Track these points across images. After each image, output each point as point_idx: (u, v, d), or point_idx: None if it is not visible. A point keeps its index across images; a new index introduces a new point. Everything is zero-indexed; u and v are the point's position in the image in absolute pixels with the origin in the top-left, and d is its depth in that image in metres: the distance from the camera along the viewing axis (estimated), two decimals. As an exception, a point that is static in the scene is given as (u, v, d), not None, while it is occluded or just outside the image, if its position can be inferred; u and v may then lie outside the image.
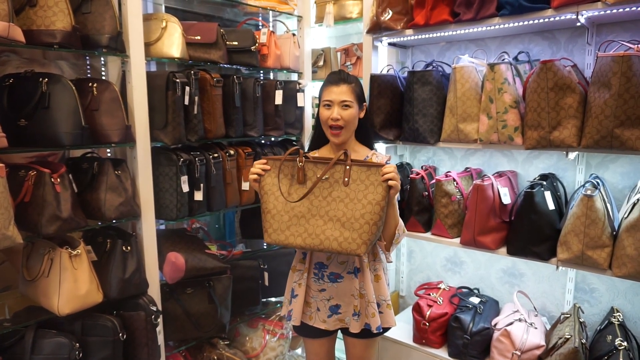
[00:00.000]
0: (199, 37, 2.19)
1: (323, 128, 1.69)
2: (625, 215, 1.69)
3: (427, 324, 2.19)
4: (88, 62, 2.15)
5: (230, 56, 2.34)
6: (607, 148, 1.65)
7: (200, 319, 2.24)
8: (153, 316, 1.96)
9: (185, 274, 2.11)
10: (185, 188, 2.09)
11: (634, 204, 1.66)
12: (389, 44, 2.39)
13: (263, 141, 2.68)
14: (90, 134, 1.78)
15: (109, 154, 2.17)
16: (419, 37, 2.21)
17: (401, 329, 2.41)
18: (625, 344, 1.68)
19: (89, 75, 2.16)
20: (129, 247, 1.92)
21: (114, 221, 1.89)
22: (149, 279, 2.03)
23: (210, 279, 2.27)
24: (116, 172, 1.88)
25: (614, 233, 1.72)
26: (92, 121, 1.83)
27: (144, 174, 1.99)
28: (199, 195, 2.15)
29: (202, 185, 2.15)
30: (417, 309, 2.25)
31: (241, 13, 2.73)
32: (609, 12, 1.70)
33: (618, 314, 1.92)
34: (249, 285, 2.56)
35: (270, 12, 2.68)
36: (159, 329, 2.02)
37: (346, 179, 1.48)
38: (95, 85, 1.85)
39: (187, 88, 2.03)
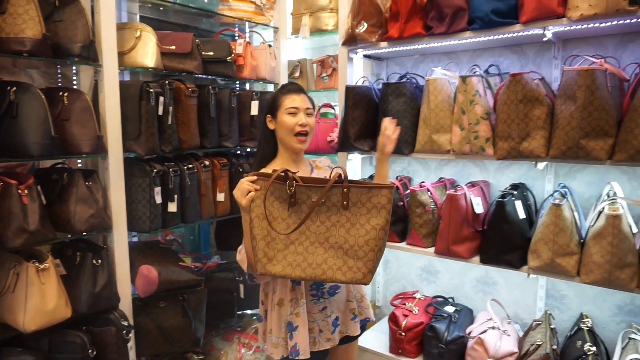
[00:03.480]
0: (174, 47, 2.18)
1: (284, 137, 1.60)
2: (592, 224, 1.74)
3: (403, 333, 2.19)
4: (59, 71, 2.11)
5: (205, 66, 2.33)
6: (573, 158, 1.70)
7: (173, 333, 2.19)
8: (124, 331, 1.91)
9: (158, 287, 2.07)
10: (159, 199, 2.06)
11: (600, 213, 1.71)
12: (364, 55, 2.43)
13: (239, 152, 2.67)
14: (60, 144, 1.74)
15: (80, 165, 2.12)
16: (394, 49, 2.25)
17: (377, 339, 2.41)
18: (594, 349, 1.72)
19: (60, 84, 2.12)
20: (99, 260, 1.88)
21: (84, 234, 1.85)
22: (121, 292, 1.98)
23: (184, 292, 2.23)
24: (87, 183, 1.84)
25: (582, 241, 1.77)
26: (62, 131, 1.79)
27: (116, 185, 1.95)
28: (172, 207, 2.12)
29: (176, 196, 2.12)
30: (393, 319, 2.26)
31: (217, 24, 2.74)
32: (573, 28, 1.77)
33: (587, 319, 1.97)
34: (224, 298, 2.53)
35: (247, 23, 2.69)
36: (131, 344, 1.97)
37: (345, 202, 1.34)
38: (66, 94, 1.81)
39: (161, 98, 2.01)
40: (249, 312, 2.77)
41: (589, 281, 1.72)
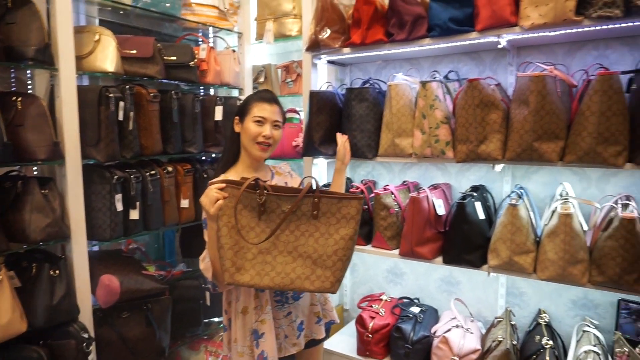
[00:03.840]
0: (134, 51, 2.14)
1: (247, 143, 1.58)
2: (546, 222, 1.82)
3: (370, 335, 2.22)
4: (13, 75, 2.03)
5: (168, 71, 2.30)
6: (528, 160, 1.78)
7: (137, 344, 2.13)
8: (85, 344, 1.85)
9: (120, 297, 2.02)
10: (120, 207, 2.01)
11: (553, 212, 1.79)
12: (328, 61, 2.46)
13: (203, 157, 2.65)
14: (13, 150, 1.67)
15: (35, 172, 2.05)
16: (357, 55, 2.29)
17: (345, 342, 2.42)
18: (550, 342, 1.79)
19: (13, 88, 2.04)
20: (57, 271, 1.82)
21: (40, 244, 1.78)
22: (80, 304, 1.92)
23: (148, 301, 2.18)
24: (43, 191, 1.78)
25: (537, 239, 1.85)
26: (16, 137, 1.72)
27: (74, 193, 1.89)
28: (134, 214, 2.07)
29: (138, 203, 2.08)
30: (360, 322, 2.28)
31: (180, 28, 2.71)
32: (525, 36, 1.85)
33: (545, 315, 2.05)
34: (190, 306, 2.49)
35: (210, 28, 2.68)
36: (92, 357, 1.91)
37: (315, 212, 1.35)
38: (19, 99, 1.75)
39: (122, 103, 1.97)
40: (216, 319, 2.73)
41: (544, 277, 1.79)
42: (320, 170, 2.57)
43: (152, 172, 2.16)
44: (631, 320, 1.86)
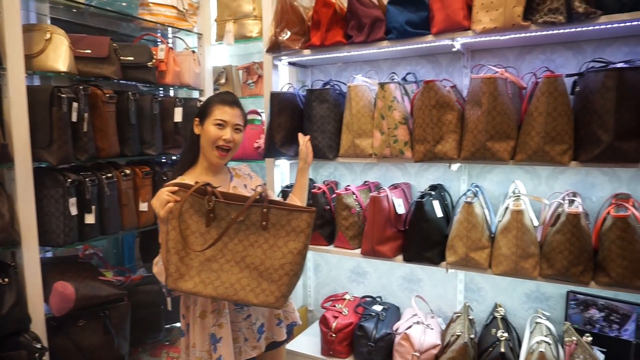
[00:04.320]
0: (89, 51, 2.08)
1: (206, 147, 1.55)
2: (500, 219, 1.90)
3: (334, 335, 2.23)
4: (-44, 75, 1.94)
5: (125, 72, 2.25)
6: (481, 159, 1.84)
7: (94, 352, 2.07)
8: (37, 354, 1.77)
9: (75, 304, 1.95)
10: (74, 211, 1.95)
11: (506, 209, 1.86)
12: (289, 63, 2.47)
13: (163, 159, 2.60)
14: (-45, 153, 1.59)
15: (-19, 176, 1.95)
16: (317, 57, 2.31)
17: (309, 342, 2.43)
18: (505, 334, 1.86)
19: (-44, 88, 1.94)
20: (6, 279, 1.74)
21: (-13, 250, 1.70)
22: (32, 312, 1.84)
23: (106, 308, 2.12)
24: (-11, 195, 1.70)
25: (492, 235, 1.92)
26: (-41, 139, 1.64)
27: (25, 197, 1.82)
28: (90, 218, 2.01)
29: (93, 207, 2.02)
30: (323, 321, 2.29)
31: (138, 28, 2.65)
32: (478, 39, 1.92)
33: (500, 308, 2.13)
34: (150, 311, 2.43)
35: (169, 28, 2.63)
36: (45, 367, 1.83)
37: (264, 223, 1.32)
38: (-37, 99, 1.67)
39: (75, 104, 1.91)
40: (177, 324, 2.68)
41: (499, 272, 1.86)
42: (282, 172, 2.57)
43: (109, 174, 2.11)
44: (579, 310, 1.96)
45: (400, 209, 2.09)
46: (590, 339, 1.72)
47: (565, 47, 2.00)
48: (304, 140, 1.92)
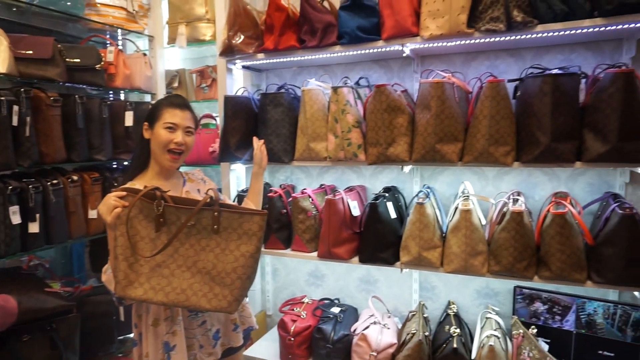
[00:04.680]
0: (31, 52, 2.00)
1: (157, 151, 1.52)
2: (450, 219, 1.96)
3: (292, 338, 2.23)
4: None
5: (71, 74, 2.17)
6: (431, 161, 1.90)
7: (40, 368, 1.97)
8: (-25, 372, 1.67)
9: (18, 318, 1.85)
10: (16, 219, 1.85)
11: (456, 208, 1.93)
12: (243, 67, 2.46)
13: (114, 165, 2.52)
14: None
15: None
16: (271, 61, 2.31)
17: (268, 347, 2.42)
18: (458, 330, 1.92)
19: None
20: (-60, 294, 1.63)
21: None
22: (-31, 328, 1.74)
23: (53, 321, 2.03)
24: None
25: (443, 235, 1.98)
26: None
27: (-40, 206, 1.72)
28: (34, 227, 1.92)
29: (38, 215, 1.93)
30: (282, 325, 2.29)
31: (85, 29, 2.55)
32: (426, 45, 1.99)
33: (453, 305, 2.20)
34: (102, 323, 2.35)
35: (119, 30, 2.56)
36: (-15, 386, 1.73)
37: (215, 227, 1.31)
38: None
39: (15, 107, 1.82)
40: (131, 335, 2.59)
41: (450, 270, 1.92)
42: (238, 176, 2.55)
43: (55, 181, 2.02)
44: (525, 304, 2.05)
45: (356, 211, 2.12)
46: (535, 331, 1.81)
47: (508, 54, 2.11)
48: (258, 144, 1.91)
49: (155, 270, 1.31)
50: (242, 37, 2.19)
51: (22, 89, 1.87)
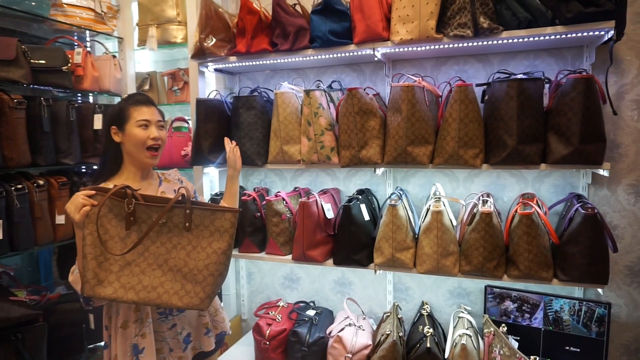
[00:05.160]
0: (-7, 54, 1.93)
1: (134, 151, 1.52)
2: (422, 220, 1.99)
3: (268, 342, 2.22)
4: None
5: (36, 76, 2.11)
6: (403, 163, 1.93)
7: (4, 380, 1.90)
8: None
9: (-20, 329, 1.79)
10: (-22, 226, 1.79)
11: (427, 210, 1.96)
12: (216, 69, 2.44)
13: (84, 169, 2.46)
14: None
15: None
16: (244, 64, 2.30)
17: (243, 352, 2.40)
18: (431, 330, 1.95)
19: None
20: None
21: None
22: None
23: (18, 331, 1.96)
24: None
25: (416, 236, 2.01)
26: None
27: None
28: (-3, 234, 1.86)
29: (1, 221, 1.87)
30: (257, 329, 2.27)
31: (51, 30, 2.49)
32: (397, 50, 2.01)
33: (427, 306, 2.23)
34: (70, 331, 2.29)
35: (87, 31, 2.51)
36: (-56, 401, 1.66)
37: (187, 224, 1.31)
38: None
39: (-23, 110, 1.76)
40: (101, 343, 2.53)
41: (422, 271, 1.95)
42: (211, 179, 2.52)
43: (19, 186, 1.96)
44: (496, 303, 2.10)
45: (330, 213, 2.13)
46: (505, 329, 1.86)
47: (476, 59, 2.16)
48: (230, 146, 1.88)
49: (126, 268, 1.30)
50: (214, 40, 2.18)
51: (-17, 91, 1.81)
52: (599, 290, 1.97)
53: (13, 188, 1.93)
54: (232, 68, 2.49)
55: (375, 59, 2.07)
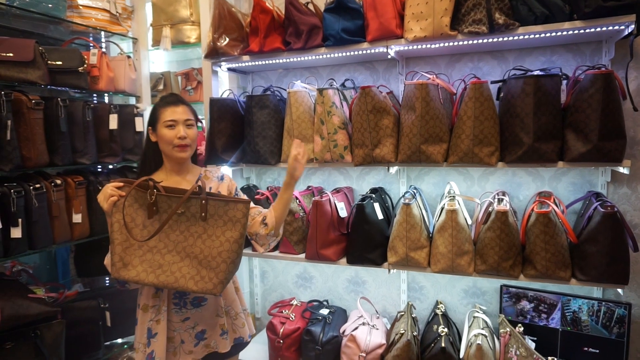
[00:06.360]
0: (11, 54, 1.96)
1: (165, 149, 1.61)
2: (437, 219, 1.98)
3: (281, 341, 2.23)
4: None
5: (53, 77, 2.14)
6: (417, 162, 1.91)
7: (24, 376, 1.93)
8: (-43, 382, 1.64)
9: (0, 325, 1.82)
10: (-2, 225, 1.82)
11: (442, 209, 1.95)
12: (229, 69, 2.45)
13: (99, 169, 2.49)
14: None
15: None
16: (257, 63, 2.31)
17: (257, 350, 2.41)
18: (446, 330, 1.94)
19: None
20: None
21: None
22: (-50, 337, 1.70)
23: (37, 327, 2.00)
24: None
25: (430, 235, 2.00)
26: None
27: (-61, 212, 1.68)
28: (16, 232, 1.89)
29: (20, 220, 1.90)
30: (271, 328, 2.28)
31: (67, 32, 2.52)
32: (410, 47, 2.00)
33: (441, 305, 2.22)
34: (87, 329, 2.31)
35: (102, 32, 2.53)
36: (-34, 396, 1.69)
37: (203, 214, 1.41)
38: None
39: (-4, 111, 1.79)
40: (119, 341, 2.57)
41: (437, 270, 1.94)
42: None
43: (37, 185, 1.99)
44: (512, 303, 2.08)
45: (343, 212, 2.13)
46: (522, 329, 1.83)
47: (491, 56, 2.13)
48: (293, 152, 1.66)
49: (148, 253, 1.43)
50: (227, 39, 2.18)
51: (2, 92, 1.84)
52: (619, 290, 1.93)
53: (31, 187, 1.96)
54: (245, 67, 2.49)
55: (389, 56, 2.06)
